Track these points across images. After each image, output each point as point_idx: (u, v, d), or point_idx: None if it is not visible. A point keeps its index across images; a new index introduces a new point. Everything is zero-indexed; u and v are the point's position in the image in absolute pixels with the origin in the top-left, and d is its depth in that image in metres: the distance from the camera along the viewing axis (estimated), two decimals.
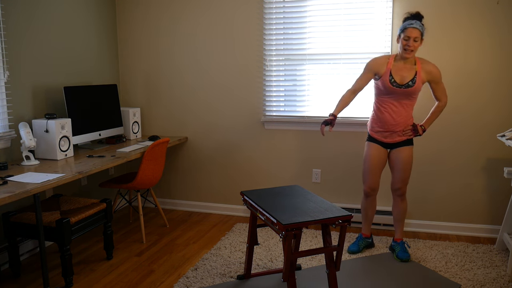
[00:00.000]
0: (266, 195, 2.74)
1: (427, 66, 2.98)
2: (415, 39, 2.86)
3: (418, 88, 2.96)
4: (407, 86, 2.94)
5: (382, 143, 3.12)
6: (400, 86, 2.95)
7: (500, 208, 3.58)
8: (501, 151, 3.53)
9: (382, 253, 3.29)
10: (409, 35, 2.86)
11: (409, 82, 2.94)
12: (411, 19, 2.89)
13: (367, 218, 3.33)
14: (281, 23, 3.86)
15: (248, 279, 2.90)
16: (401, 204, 3.19)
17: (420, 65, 2.96)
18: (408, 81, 2.94)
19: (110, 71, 4.26)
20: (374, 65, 3.03)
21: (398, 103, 3.00)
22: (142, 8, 4.23)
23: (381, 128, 3.08)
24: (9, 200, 2.29)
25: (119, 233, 3.78)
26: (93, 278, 2.95)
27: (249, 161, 4.14)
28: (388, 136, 3.09)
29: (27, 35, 3.27)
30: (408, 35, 2.86)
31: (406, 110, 3.02)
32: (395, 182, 3.14)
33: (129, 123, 4.05)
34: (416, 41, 2.87)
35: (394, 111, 3.01)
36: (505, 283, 2.80)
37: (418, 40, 2.87)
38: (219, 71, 4.10)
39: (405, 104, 3.01)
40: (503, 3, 3.36)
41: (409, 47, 2.88)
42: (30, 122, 3.28)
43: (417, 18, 2.90)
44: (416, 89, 2.95)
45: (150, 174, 3.53)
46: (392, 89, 2.96)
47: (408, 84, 2.94)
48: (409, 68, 2.96)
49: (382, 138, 3.10)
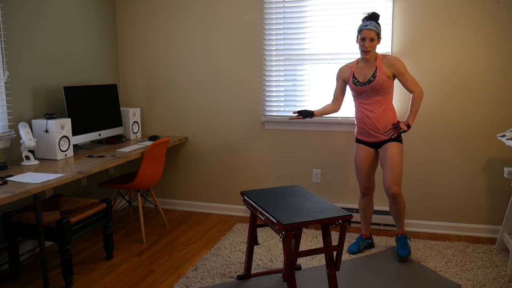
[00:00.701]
0: (266, 195, 2.74)
1: (387, 60, 3.02)
2: (371, 39, 2.95)
3: (381, 82, 2.98)
4: (369, 82, 3.01)
5: (368, 143, 3.17)
6: (364, 84, 3.03)
7: (500, 208, 3.58)
8: (501, 151, 3.53)
9: (382, 253, 3.29)
10: (365, 36, 2.96)
11: (370, 78, 3.01)
12: (366, 20, 3.00)
13: (365, 218, 3.34)
14: (281, 23, 3.86)
15: (248, 279, 2.90)
16: (396, 206, 3.11)
17: (381, 60, 3.02)
18: (369, 78, 3.01)
19: (110, 71, 4.26)
20: (340, 73, 3.23)
21: (370, 101, 3.06)
22: (142, 8, 4.23)
23: (362, 129, 3.15)
24: (9, 200, 2.29)
25: (119, 233, 3.78)
26: (93, 278, 2.95)
27: (249, 161, 4.14)
28: (371, 136, 3.12)
29: (27, 35, 3.27)
30: (363, 36, 2.96)
31: (380, 107, 3.04)
32: (384, 182, 3.08)
33: (129, 123, 4.04)
34: (373, 40, 2.96)
35: (368, 109, 3.07)
36: (505, 283, 2.80)
37: (374, 39, 2.96)
38: (219, 71, 4.10)
39: (377, 100, 3.04)
40: (503, 3, 3.36)
41: (366, 48, 2.97)
42: (30, 122, 3.28)
43: (372, 18, 3.00)
44: (379, 83, 2.98)
45: (150, 174, 3.53)
46: (357, 89, 3.07)
47: (370, 80, 3.00)
48: (370, 66, 3.04)
49: (366, 138, 3.16)
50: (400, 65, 3.01)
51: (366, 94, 3.06)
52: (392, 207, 3.15)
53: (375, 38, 2.96)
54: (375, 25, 2.96)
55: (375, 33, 2.96)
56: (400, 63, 3.01)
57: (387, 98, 3.07)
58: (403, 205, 3.15)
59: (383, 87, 3.01)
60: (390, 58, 3.03)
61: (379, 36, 3.00)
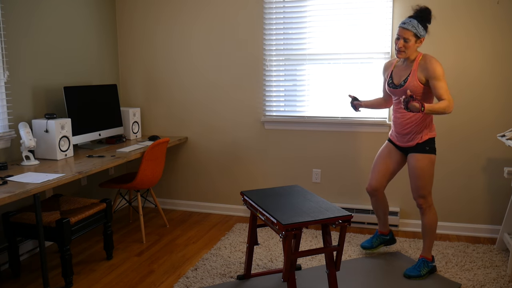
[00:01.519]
0: (266, 195, 2.74)
1: (425, 62, 2.71)
2: (405, 39, 2.69)
3: (412, 88, 2.73)
4: (400, 86, 2.79)
5: (397, 145, 2.98)
6: (396, 87, 2.83)
7: (500, 208, 3.58)
8: (501, 151, 3.53)
9: (382, 253, 3.29)
10: (399, 35, 2.72)
11: (402, 81, 2.80)
12: (409, 17, 2.73)
13: (379, 217, 3.21)
14: (281, 23, 3.86)
15: (248, 279, 2.90)
16: (422, 218, 2.89)
17: (418, 63, 2.74)
18: (402, 81, 2.80)
19: (110, 71, 4.26)
20: (383, 69, 3.04)
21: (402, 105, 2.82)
22: (142, 8, 4.23)
23: (393, 131, 2.99)
24: (9, 200, 2.29)
25: (119, 233, 3.77)
26: (93, 278, 2.95)
27: (249, 161, 4.14)
28: (400, 140, 2.93)
29: (27, 35, 3.27)
30: (397, 35, 2.73)
31: (412, 114, 2.79)
32: (412, 191, 2.90)
33: (129, 123, 4.05)
34: (407, 41, 2.69)
35: (400, 112, 2.86)
36: (505, 283, 2.80)
37: (410, 40, 2.68)
38: (219, 71, 4.10)
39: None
40: (503, 3, 3.36)
41: (398, 48, 2.74)
42: (30, 122, 3.28)
43: (416, 16, 2.71)
44: (409, 88, 2.73)
45: (150, 174, 3.53)
46: (390, 90, 2.89)
47: (401, 84, 2.79)
48: (407, 67, 2.80)
49: (395, 140, 2.97)
50: (434, 68, 2.65)
51: (398, 97, 2.84)
52: (421, 219, 2.92)
53: (410, 38, 2.67)
54: (414, 25, 2.67)
55: (411, 34, 2.67)
56: (435, 66, 2.65)
57: None
58: (430, 221, 2.87)
59: (415, 94, 2.73)
60: (427, 60, 2.70)
61: (418, 36, 2.69)
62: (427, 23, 2.73)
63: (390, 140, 3.04)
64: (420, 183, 2.82)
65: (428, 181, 2.82)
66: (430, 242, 2.91)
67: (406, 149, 2.92)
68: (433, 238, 2.91)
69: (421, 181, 2.82)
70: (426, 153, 2.82)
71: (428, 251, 2.92)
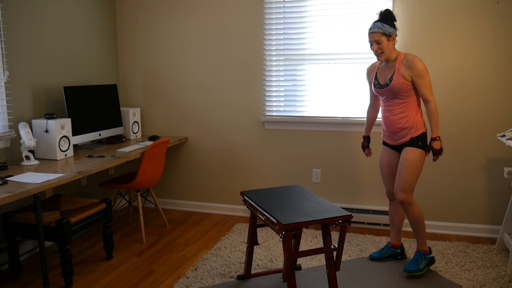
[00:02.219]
0: (266, 195, 2.74)
1: (407, 60, 2.78)
2: (376, 41, 2.78)
3: (398, 86, 2.78)
4: (386, 85, 2.84)
5: (391, 146, 3.01)
6: (382, 87, 2.88)
7: (500, 208, 3.58)
8: (501, 151, 3.53)
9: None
10: (370, 41, 2.82)
11: (387, 80, 2.84)
12: (372, 23, 2.83)
13: (393, 225, 3.17)
14: (281, 23, 3.85)
15: (248, 279, 2.90)
16: (407, 215, 2.92)
17: (400, 61, 2.80)
18: (387, 80, 2.85)
19: (110, 71, 4.26)
20: (367, 73, 3.09)
21: (391, 104, 2.89)
22: (142, 8, 4.23)
23: (385, 131, 3.02)
24: (9, 200, 2.29)
25: (119, 233, 3.77)
26: (93, 278, 2.95)
27: (249, 161, 4.14)
28: (392, 139, 2.97)
29: (27, 35, 3.27)
30: (369, 41, 2.83)
31: (401, 110, 2.86)
32: (395, 183, 2.93)
33: (129, 123, 4.05)
34: (380, 43, 2.78)
35: (389, 112, 2.91)
36: (505, 283, 2.79)
37: (381, 41, 2.77)
38: (219, 71, 4.10)
39: (398, 103, 2.86)
40: (503, 3, 3.36)
41: (376, 51, 2.82)
42: (30, 122, 3.28)
43: (378, 20, 2.82)
44: (395, 86, 2.79)
45: (150, 174, 3.53)
46: (377, 91, 2.93)
47: (387, 83, 2.84)
48: (390, 67, 2.87)
49: (389, 140, 3.01)
50: (419, 67, 2.75)
51: (387, 97, 2.89)
52: (407, 216, 2.95)
53: (381, 39, 2.77)
54: (379, 26, 2.77)
55: (379, 35, 2.77)
56: (419, 65, 2.75)
57: (409, 101, 2.84)
58: (416, 216, 2.90)
59: (401, 91, 2.80)
60: (410, 58, 2.78)
61: (387, 34, 2.77)
62: (392, 21, 2.81)
63: (385, 142, 3.06)
64: (406, 176, 2.85)
65: (415, 176, 2.85)
66: (422, 234, 2.94)
67: (401, 146, 2.95)
68: (424, 230, 2.93)
69: (408, 174, 2.85)
70: (419, 148, 2.86)
71: (423, 243, 2.95)
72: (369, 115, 3.23)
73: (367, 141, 3.25)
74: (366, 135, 3.25)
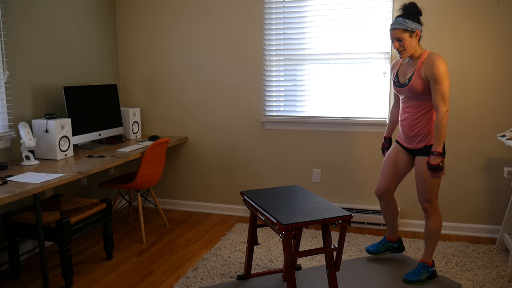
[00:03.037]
0: (266, 195, 2.74)
1: (429, 61, 2.60)
2: (398, 39, 2.64)
3: (415, 87, 2.65)
4: (405, 85, 2.71)
5: (405, 147, 2.89)
6: (402, 86, 2.74)
7: (500, 208, 3.58)
8: (501, 151, 3.53)
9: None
10: (391, 38, 2.68)
11: (406, 80, 2.72)
12: (394, 18, 2.67)
13: (387, 222, 3.13)
14: (281, 23, 3.86)
15: (248, 279, 2.90)
16: (427, 222, 2.83)
17: (422, 61, 2.64)
18: (406, 79, 2.72)
19: (110, 71, 4.26)
20: (391, 68, 2.96)
21: (407, 105, 2.77)
22: (142, 9, 4.23)
23: (401, 132, 2.89)
24: (9, 200, 2.29)
25: (119, 233, 3.77)
26: (93, 278, 2.95)
27: (249, 161, 4.14)
28: (406, 141, 2.85)
29: (27, 35, 3.27)
30: (391, 38, 2.69)
31: (417, 112, 2.72)
32: (418, 195, 2.83)
33: (129, 123, 4.05)
34: (401, 40, 2.63)
35: (404, 112, 2.79)
36: (505, 283, 2.80)
37: (402, 38, 2.62)
38: (219, 71, 4.10)
39: (415, 105, 2.72)
40: (503, 3, 3.36)
41: (398, 49, 2.68)
42: (30, 122, 3.28)
43: (401, 14, 2.65)
44: (413, 86, 2.65)
45: (150, 174, 3.53)
46: (397, 89, 2.81)
47: (405, 83, 2.71)
48: (412, 66, 2.71)
49: (404, 142, 2.88)
50: (438, 70, 2.54)
51: (405, 96, 2.75)
52: (426, 222, 2.85)
53: (402, 36, 2.61)
54: (400, 22, 2.61)
55: (401, 31, 2.60)
56: (439, 67, 2.54)
57: (426, 105, 2.68)
58: (435, 226, 2.80)
59: (419, 92, 2.66)
60: (433, 58, 2.59)
61: (409, 30, 2.60)
62: (415, 16, 2.65)
63: (398, 142, 2.95)
64: (427, 187, 2.74)
65: (435, 186, 2.74)
66: (432, 246, 2.84)
67: (414, 151, 2.83)
68: (436, 243, 2.84)
69: (428, 185, 2.74)
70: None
71: (430, 256, 2.86)
72: (393, 114, 3.09)
73: (388, 142, 3.12)
74: (388, 136, 3.12)
